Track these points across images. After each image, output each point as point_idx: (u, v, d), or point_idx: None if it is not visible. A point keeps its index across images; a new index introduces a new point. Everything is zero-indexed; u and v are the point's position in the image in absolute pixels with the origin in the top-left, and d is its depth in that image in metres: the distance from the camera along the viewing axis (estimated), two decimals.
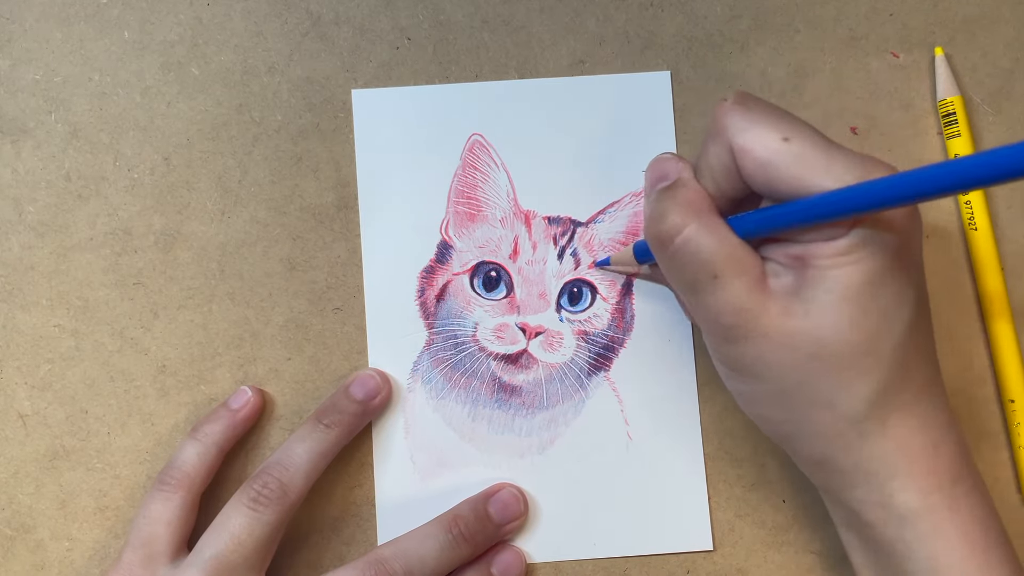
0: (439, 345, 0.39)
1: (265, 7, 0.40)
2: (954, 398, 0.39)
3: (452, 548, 0.35)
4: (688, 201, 0.30)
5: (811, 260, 0.29)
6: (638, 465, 0.38)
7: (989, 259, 0.39)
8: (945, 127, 0.40)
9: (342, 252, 0.39)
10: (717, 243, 0.29)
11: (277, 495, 0.34)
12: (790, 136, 0.29)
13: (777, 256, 0.30)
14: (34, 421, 0.38)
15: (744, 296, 0.29)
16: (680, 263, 0.30)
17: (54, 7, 0.40)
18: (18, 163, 0.39)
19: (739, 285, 0.29)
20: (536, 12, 0.40)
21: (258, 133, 0.40)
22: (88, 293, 0.39)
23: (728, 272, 0.29)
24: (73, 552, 0.38)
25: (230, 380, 0.38)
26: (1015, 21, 0.41)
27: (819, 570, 0.38)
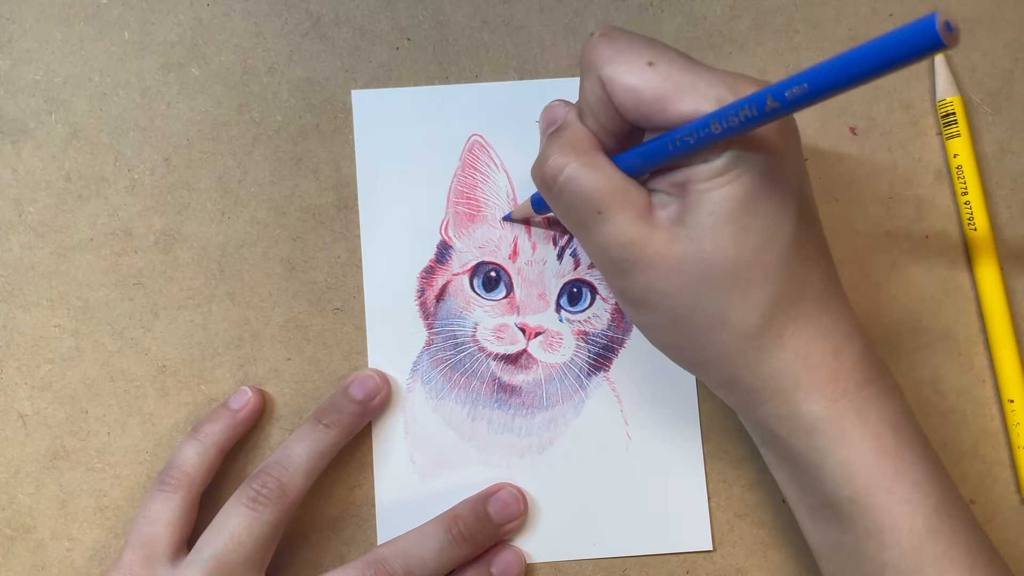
0: (439, 345, 0.39)
1: (265, 7, 0.40)
2: (955, 398, 0.39)
3: (452, 548, 0.35)
4: (569, 141, 0.31)
5: (691, 185, 0.29)
6: (638, 465, 0.38)
7: (989, 259, 0.39)
8: (944, 127, 0.40)
9: (342, 252, 0.39)
10: (598, 179, 0.30)
11: (276, 495, 0.34)
12: (654, 60, 0.29)
13: (662, 186, 0.30)
14: (34, 421, 0.38)
15: (629, 229, 0.30)
16: (565, 202, 0.31)
17: (54, 7, 0.40)
18: (18, 163, 0.39)
19: (623, 219, 0.30)
20: (536, 12, 0.40)
21: (258, 133, 0.40)
22: (88, 293, 0.39)
23: (611, 207, 0.30)
24: (73, 552, 0.38)
25: (230, 380, 0.39)
26: (1015, 21, 0.41)
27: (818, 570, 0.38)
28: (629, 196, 0.30)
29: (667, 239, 0.29)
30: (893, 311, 0.39)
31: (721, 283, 0.29)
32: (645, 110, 0.29)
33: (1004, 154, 0.40)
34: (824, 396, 0.30)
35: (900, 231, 0.40)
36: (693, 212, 0.29)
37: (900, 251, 0.40)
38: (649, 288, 0.30)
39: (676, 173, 0.30)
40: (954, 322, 0.39)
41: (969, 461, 0.39)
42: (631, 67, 0.29)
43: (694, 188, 0.29)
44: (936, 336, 0.39)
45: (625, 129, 0.31)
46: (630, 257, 0.30)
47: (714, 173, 0.29)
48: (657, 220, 0.30)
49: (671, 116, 0.29)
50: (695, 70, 0.29)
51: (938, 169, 0.40)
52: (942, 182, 0.40)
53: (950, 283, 0.39)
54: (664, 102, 0.29)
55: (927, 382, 0.39)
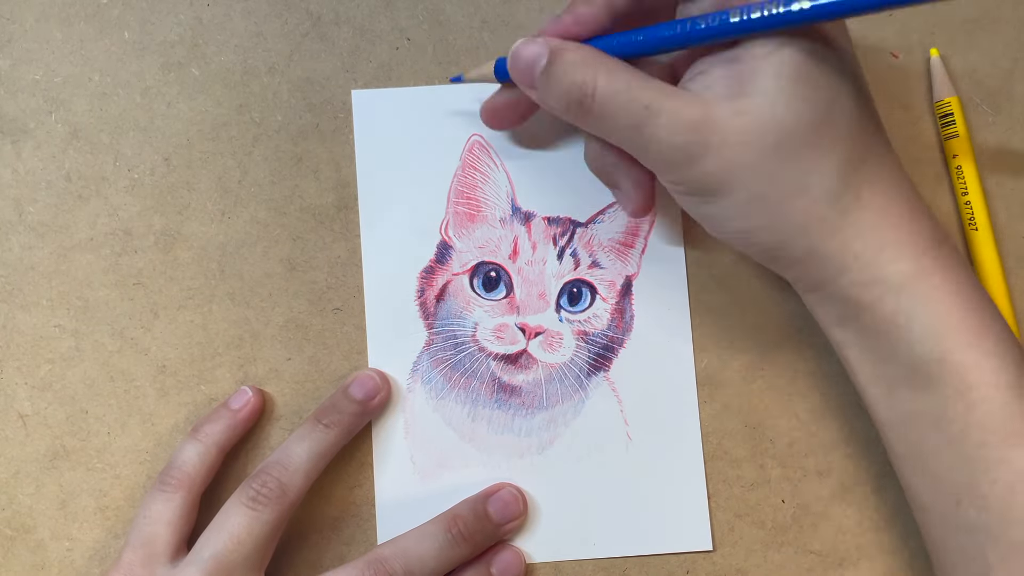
0: (439, 345, 0.39)
1: (265, 7, 0.40)
2: None
3: (451, 547, 0.35)
4: (578, 58, 0.30)
5: (746, 58, 0.29)
6: (638, 465, 0.38)
7: (990, 258, 0.39)
8: (943, 128, 0.39)
9: (342, 252, 0.39)
10: (631, 77, 0.29)
11: (276, 494, 0.34)
12: None
13: (703, 68, 0.30)
14: (34, 421, 0.38)
15: (687, 110, 0.29)
16: (609, 115, 0.30)
17: (54, 7, 0.40)
18: (18, 163, 0.39)
19: (677, 104, 0.29)
20: (536, 12, 0.40)
21: (258, 133, 0.40)
22: (88, 293, 0.39)
23: (658, 98, 0.29)
24: (73, 552, 0.38)
25: (230, 380, 0.39)
26: (1015, 21, 0.41)
27: (819, 570, 0.38)
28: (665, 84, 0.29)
29: (733, 112, 0.29)
30: None
31: (798, 147, 0.29)
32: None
33: (1004, 154, 0.40)
34: (909, 255, 0.30)
35: None
36: (756, 79, 0.28)
37: None
38: (724, 168, 0.29)
39: (722, 54, 0.29)
40: None
41: None
42: None
43: (751, 57, 0.28)
44: None
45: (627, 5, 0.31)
46: (698, 139, 0.29)
47: (771, 43, 0.28)
48: (709, 98, 0.29)
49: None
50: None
51: (938, 169, 0.40)
52: (942, 182, 0.40)
53: None
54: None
55: None
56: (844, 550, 0.38)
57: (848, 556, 0.38)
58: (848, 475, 0.38)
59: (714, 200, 0.30)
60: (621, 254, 0.39)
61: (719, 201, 0.30)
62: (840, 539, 0.38)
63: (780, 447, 0.38)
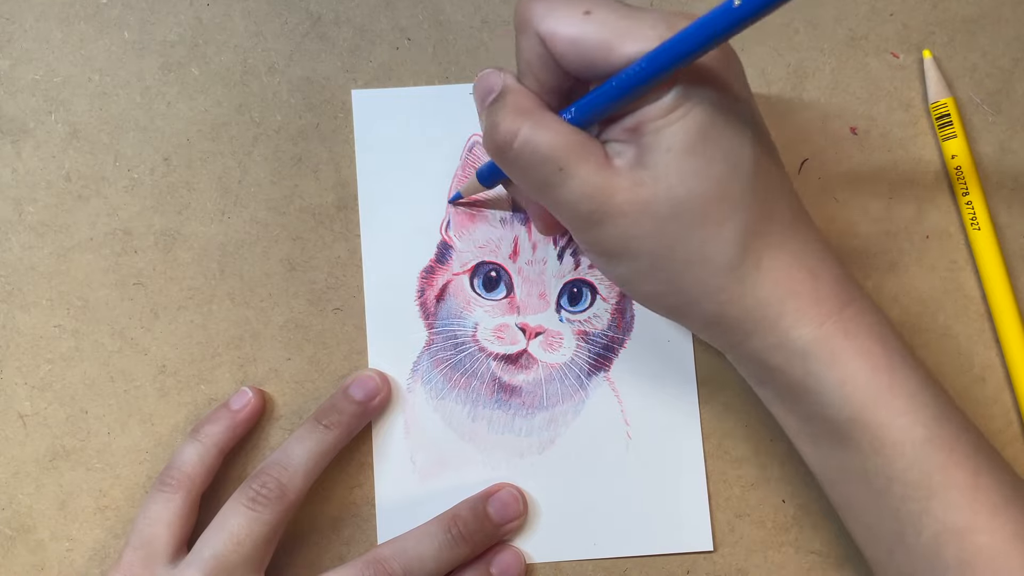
0: (439, 345, 0.39)
1: (265, 7, 0.40)
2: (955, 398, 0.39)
3: (451, 548, 0.35)
4: (516, 105, 0.31)
5: (644, 127, 0.29)
6: (638, 465, 0.38)
7: (993, 257, 0.39)
8: (940, 129, 0.39)
9: (342, 252, 0.39)
10: (553, 136, 0.30)
11: (276, 495, 0.34)
12: (590, 8, 0.29)
13: (614, 134, 0.30)
14: (34, 421, 0.38)
15: (593, 179, 0.29)
16: (524, 166, 0.30)
17: (54, 7, 0.40)
18: (18, 163, 0.39)
19: (585, 170, 0.29)
20: None
21: (258, 133, 0.40)
22: (88, 293, 0.39)
23: (572, 161, 0.30)
24: (73, 552, 0.38)
25: (230, 380, 0.39)
26: (1015, 21, 0.41)
27: (819, 570, 0.38)
28: (587, 147, 0.30)
29: (632, 183, 0.29)
30: (893, 311, 0.39)
31: (693, 218, 0.29)
32: (588, 59, 0.29)
33: (1004, 154, 0.40)
34: (811, 319, 0.30)
35: (900, 231, 0.40)
36: (652, 152, 0.29)
37: (900, 251, 0.40)
38: (623, 236, 0.30)
39: (626, 120, 0.29)
40: (954, 322, 0.39)
41: None
42: (569, 19, 0.29)
43: (648, 128, 0.29)
44: (936, 336, 0.39)
45: (567, 84, 0.31)
46: (599, 208, 0.30)
47: (666, 110, 0.29)
48: (617, 167, 0.30)
49: (616, 61, 0.29)
50: (632, 13, 0.29)
51: (938, 169, 0.40)
52: (942, 182, 0.40)
53: (950, 283, 0.39)
54: (607, 49, 0.29)
55: None
56: (844, 550, 0.38)
57: (849, 556, 0.38)
58: None
59: (619, 263, 0.31)
60: None
61: (623, 264, 0.31)
62: (841, 539, 0.38)
63: (780, 447, 0.38)
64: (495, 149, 0.31)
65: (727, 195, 0.29)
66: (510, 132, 0.30)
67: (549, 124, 0.30)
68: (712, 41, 0.26)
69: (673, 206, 0.29)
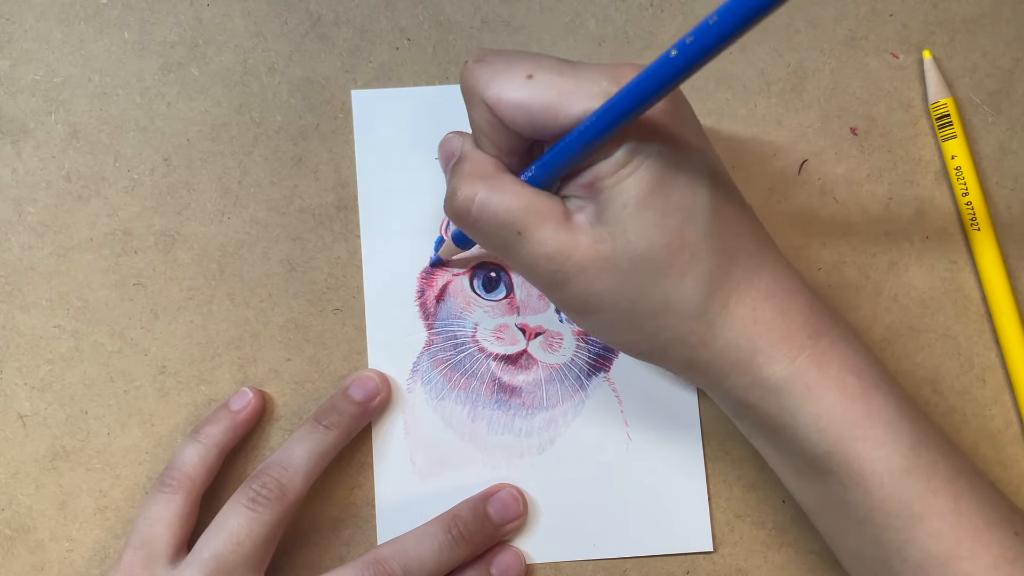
0: (439, 346, 0.39)
1: (265, 7, 0.40)
2: (955, 398, 0.39)
3: (451, 548, 0.35)
4: (473, 169, 0.31)
5: (599, 183, 0.29)
6: (638, 465, 0.38)
7: (993, 258, 0.39)
8: (940, 129, 0.39)
9: (342, 252, 0.39)
10: (510, 199, 0.30)
11: (276, 495, 0.34)
12: (533, 72, 0.29)
13: (573, 191, 0.30)
14: (34, 421, 0.38)
15: (552, 240, 0.30)
16: (484, 230, 0.31)
17: (54, 7, 0.40)
18: (18, 163, 0.39)
19: (545, 232, 0.30)
20: (536, 12, 0.40)
21: (258, 133, 0.40)
22: (88, 293, 0.39)
23: (530, 223, 0.30)
24: (73, 552, 0.38)
25: (230, 380, 0.39)
26: (1015, 21, 0.41)
27: (819, 570, 0.38)
28: (544, 208, 0.30)
29: (591, 240, 0.30)
30: (893, 311, 0.39)
31: (656, 270, 0.29)
32: (537, 123, 0.29)
33: (1004, 154, 0.40)
34: (782, 355, 0.30)
35: (900, 231, 0.40)
36: (608, 208, 0.29)
37: (900, 251, 0.40)
38: (587, 292, 0.30)
39: (582, 176, 0.30)
40: (954, 322, 0.39)
41: None
42: (512, 84, 0.29)
43: (602, 185, 0.29)
44: (936, 336, 0.39)
45: (524, 146, 0.31)
46: (560, 268, 0.30)
47: (617, 165, 0.29)
48: (577, 224, 0.30)
49: (564, 122, 0.29)
50: (576, 72, 0.29)
51: (938, 169, 0.40)
52: (942, 182, 0.40)
53: (950, 283, 0.39)
54: (553, 110, 0.29)
55: (927, 382, 0.39)
56: None
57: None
58: None
59: (587, 317, 0.32)
60: None
61: (592, 318, 0.32)
62: None
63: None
64: (454, 214, 0.31)
65: (686, 244, 0.29)
66: (467, 198, 0.30)
67: (505, 187, 0.30)
68: (653, 95, 0.26)
69: (633, 260, 0.29)
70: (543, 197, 0.30)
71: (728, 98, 0.40)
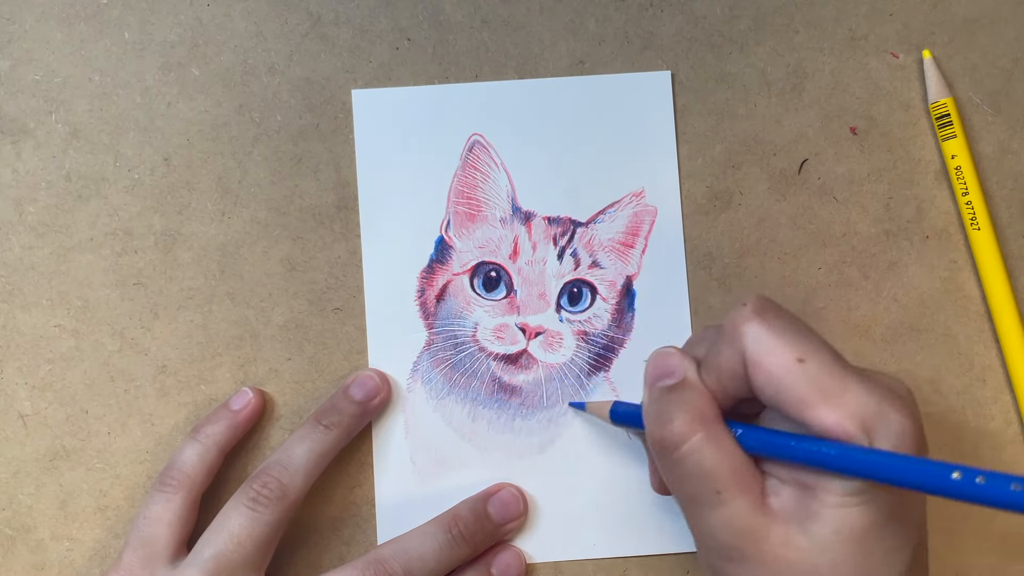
0: (439, 345, 0.39)
1: (265, 7, 0.40)
2: (955, 398, 0.39)
3: (451, 548, 0.35)
4: (695, 408, 0.30)
5: (820, 493, 0.28)
6: (638, 465, 0.38)
7: (993, 258, 0.39)
8: (940, 129, 0.39)
9: (342, 252, 0.39)
10: (723, 457, 0.29)
11: (277, 495, 0.34)
12: (806, 357, 0.28)
13: (780, 474, 0.29)
14: (34, 421, 0.38)
15: (746, 517, 0.29)
16: (683, 472, 0.29)
17: (54, 7, 0.40)
18: (18, 163, 0.39)
19: (741, 504, 0.29)
20: (536, 12, 0.40)
21: (258, 133, 0.40)
22: (88, 293, 0.39)
23: (731, 489, 0.29)
24: (73, 552, 0.38)
25: (230, 380, 0.39)
26: (1015, 21, 0.41)
27: None
28: (749, 480, 0.29)
29: (783, 540, 0.28)
30: (893, 311, 0.39)
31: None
32: (782, 404, 0.28)
33: (1004, 154, 0.40)
34: None
35: (900, 231, 0.40)
36: (817, 522, 0.28)
37: (900, 251, 0.40)
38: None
39: (802, 474, 0.28)
40: (954, 322, 0.39)
41: (969, 461, 0.39)
42: (780, 360, 0.28)
43: (823, 498, 0.28)
44: (936, 336, 0.39)
45: (744, 396, 0.30)
46: (742, 547, 0.29)
47: (848, 492, 0.27)
48: (772, 510, 0.29)
49: (809, 419, 0.28)
50: (845, 378, 0.28)
51: (938, 169, 0.40)
52: (942, 182, 0.40)
53: (950, 283, 0.39)
54: (805, 404, 0.28)
55: (927, 382, 0.39)
56: None
57: None
58: None
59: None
60: (621, 254, 0.39)
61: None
62: None
63: None
64: (660, 444, 0.30)
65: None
66: (682, 435, 0.29)
67: (722, 442, 0.29)
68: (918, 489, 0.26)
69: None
70: (750, 467, 0.29)
71: (728, 98, 0.40)
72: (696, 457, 0.29)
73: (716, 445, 0.29)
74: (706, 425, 0.29)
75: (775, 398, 0.28)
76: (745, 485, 0.29)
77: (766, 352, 0.28)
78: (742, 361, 0.29)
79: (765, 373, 0.28)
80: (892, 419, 0.27)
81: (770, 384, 0.28)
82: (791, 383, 0.28)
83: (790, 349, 0.28)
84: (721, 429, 0.30)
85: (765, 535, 0.28)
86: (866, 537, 0.28)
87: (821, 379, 0.28)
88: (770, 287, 0.39)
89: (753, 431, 0.30)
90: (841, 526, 0.28)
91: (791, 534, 0.28)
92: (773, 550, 0.28)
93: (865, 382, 0.28)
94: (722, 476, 0.29)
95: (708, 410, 0.30)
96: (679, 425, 0.29)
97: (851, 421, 0.27)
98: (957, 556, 0.38)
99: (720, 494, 0.29)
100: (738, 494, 0.29)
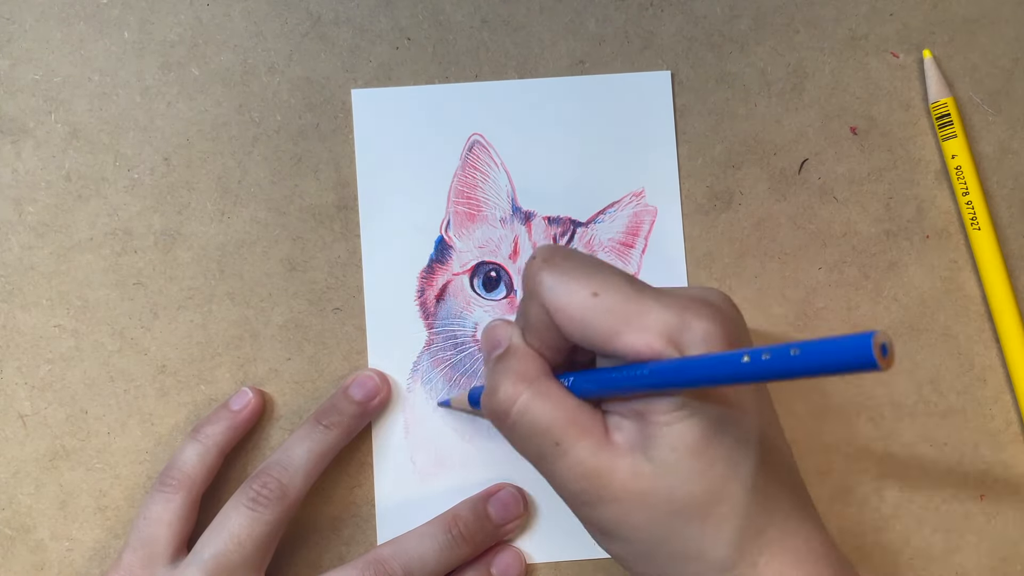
0: (439, 345, 0.39)
1: (265, 7, 0.40)
2: (955, 398, 0.39)
3: (451, 548, 0.35)
4: (519, 369, 0.30)
5: (650, 416, 0.28)
6: None
7: (993, 258, 0.39)
8: (940, 128, 0.39)
9: (342, 252, 0.39)
10: (553, 408, 0.29)
11: (277, 495, 0.34)
12: (599, 290, 0.28)
13: (620, 410, 0.29)
14: (34, 421, 0.38)
15: (591, 459, 0.29)
16: (521, 435, 0.30)
17: (54, 7, 0.40)
18: (18, 163, 0.39)
19: (583, 449, 0.29)
20: (536, 12, 0.40)
21: (258, 133, 0.40)
22: (88, 293, 0.39)
23: (570, 437, 0.29)
24: (73, 552, 0.38)
25: (230, 380, 0.39)
26: (1015, 21, 0.41)
27: None
28: (586, 424, 0.29)
29: (630, 472, 0.28)
30: (893, 311, 0.39)
31: (690, 517, 0.28)
32: (592, 341, 0.29)
33: (1004, 154, 0.40)
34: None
35: (900, 231, 0.40)
36: (655, 446, 0.28)
37: (900, 251, 0.40)
38: (616, 521, 0.29)
39: (633, 403, 0.29)
40: (954, 322, 0.39)
41: (969, 461, 0.39)
42: (576, 298, 0.29)
43: (654, 420, 0.28)
44: (936, 336, 0.39)
45: (569, 346, 0.30)
46: (594, 489, 0.29)
47: (674, 407, 0.28)
48: (616, 445, 0.29)
49: (621, 350, 0.28)
50: (641, 298, 0.28)
51: (938, 169, 0.40)
52: (942, 182, 0.40)
53: (950, 283, 0.39)
54: (612, 335, 0.28)
55: (927, 382, 0.39)
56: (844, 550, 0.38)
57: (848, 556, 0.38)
58: (848, 475, 0.38)
59: (612, 542, 0.30)
60: (621, 254, 0.39)
61: (616, 544, 0.30)
62: (840, 539, 0.38)
63: None
64: (492, 413, 0.30)
65: (727, 496, 0.28)
66: (509, 398, 0.30)
67: (550, 394, 0.30)
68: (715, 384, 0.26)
69: (671, 503, 0.28)
70: (585, 411, 0.29)
71: (728, 98, 0.40)
72: (528, 416, 0.29)
73: (544, 399, 0.29)
74: (531, 383, 0.30)
75: (584, 337, 0.29)
76: (583, 430, 0.29)
77: (562, 295, 0.29)
78: (547, 311, 0.29)
79: (567, 316, 0.29)
80: (695, 327, 0.27)
81: (574, 325, 0.29)
82: (592, 319, 0.28)
83: (583, 287, 0.29)
84: (548, 383, 0.30)
85: (613, 471, 0.29)
86: (702, 447, 0.28)
87: (619, 307, 0.28)
88: (770, 287, 0.39)
89: (582, 376, 0.30)
90: (676, 442, 0.28)
91: (637, 463, 0.29)
92: (624, 484, 0.29)
93: (663, 298, 0.28)
94: (557, 427, 0.29)
95: (532, 369, 0.30)
96: (504, 389, 0.30)
97: (657, 339, 0.27)
98: (957, 556, 0.38)
99: (559, 445, 0.29)
100: (577, 439, 0.29)
